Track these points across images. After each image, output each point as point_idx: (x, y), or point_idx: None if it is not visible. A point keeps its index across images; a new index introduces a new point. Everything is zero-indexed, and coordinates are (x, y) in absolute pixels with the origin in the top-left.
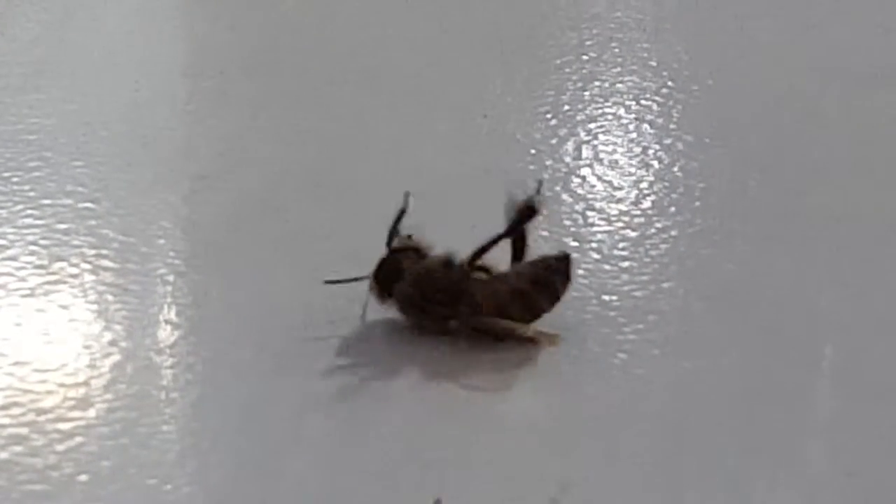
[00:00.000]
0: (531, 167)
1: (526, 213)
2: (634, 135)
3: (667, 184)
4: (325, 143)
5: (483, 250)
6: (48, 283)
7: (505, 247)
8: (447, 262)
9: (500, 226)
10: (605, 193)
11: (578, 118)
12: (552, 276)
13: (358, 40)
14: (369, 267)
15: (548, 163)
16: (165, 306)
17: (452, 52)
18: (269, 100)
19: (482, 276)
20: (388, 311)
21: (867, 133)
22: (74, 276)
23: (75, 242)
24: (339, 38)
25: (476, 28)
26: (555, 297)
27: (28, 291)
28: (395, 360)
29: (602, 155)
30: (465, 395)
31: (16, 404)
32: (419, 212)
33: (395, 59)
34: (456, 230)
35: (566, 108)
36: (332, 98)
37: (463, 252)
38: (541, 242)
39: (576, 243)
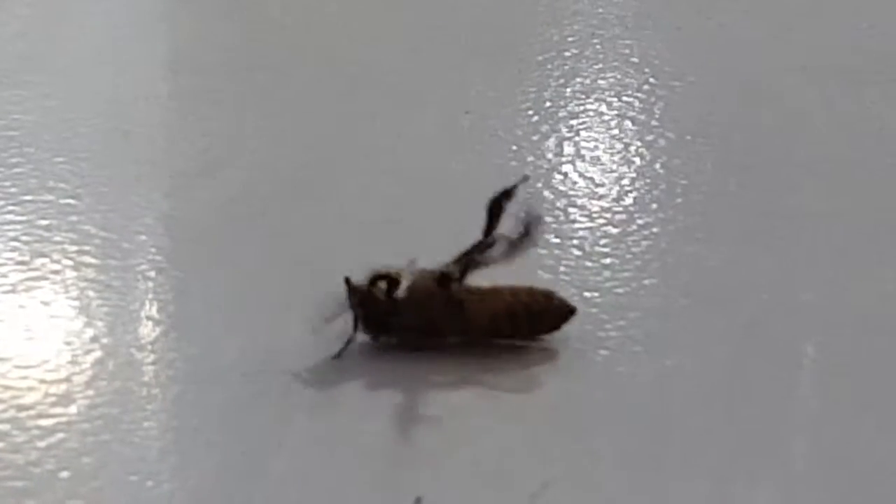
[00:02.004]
0: (513, 163)
1: (496, 207)
2: (616, 131)
3: (649, 180)
4: (307, 140)
5: (470, 262)
6: (29, 279)
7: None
8: (440, 280)
9: (480, 222)
10: (586, 190)
11: (560, 115)
12: (548, 313)
13: (341, 37)
14: (348, 265)
15: (529, 159)
16: (147, 302)
17: (435, 50)
18: (252, 97)
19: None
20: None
21: (848, 130)
22: (56, 272)
23: (57, 238)
24: (322, 36)
25: (458, 25)
26: (545, 329)
27: (9, 287)
28: (378, 359)
29: (584, 151)
30: (447, 394)
31: None
32: (402, 208)
33: (378, 56)
34: (439, 226)
35: (548, 104)
36: (314, 95)
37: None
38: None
39: (557, 240)
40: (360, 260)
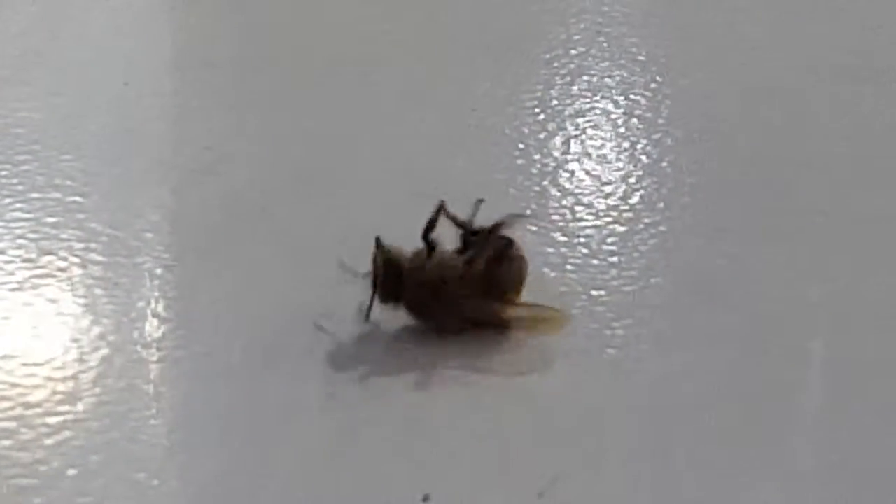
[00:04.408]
0: (519, 161)
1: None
2: (623, 129)
3: (656, 179)
4: (313, 136)
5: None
6: (36, 276)
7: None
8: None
9: (485, 222)
10: (593, 188)
11: (567, 113)
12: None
13: (346, 34)
14: (358, 260)
15: (536, 157)
16: (153, 300)
17: (441, 47)
18: (258, 94)
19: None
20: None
21: (854, 128)
22: (63, 269)
23: (63, 236)
24: (328, 33)
25: (464, 23)
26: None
27: (16, 285)
28: (384, 356)
29: (590, 150)
30: (454, 391)
31: (4, 398)
32: (408, 206)
33: (384, 54)
34: (443, 225)
35: (554, 102)
36: (320, 92)
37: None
38: (530, 237)
39: (564, 238)
40: (366, 258)
